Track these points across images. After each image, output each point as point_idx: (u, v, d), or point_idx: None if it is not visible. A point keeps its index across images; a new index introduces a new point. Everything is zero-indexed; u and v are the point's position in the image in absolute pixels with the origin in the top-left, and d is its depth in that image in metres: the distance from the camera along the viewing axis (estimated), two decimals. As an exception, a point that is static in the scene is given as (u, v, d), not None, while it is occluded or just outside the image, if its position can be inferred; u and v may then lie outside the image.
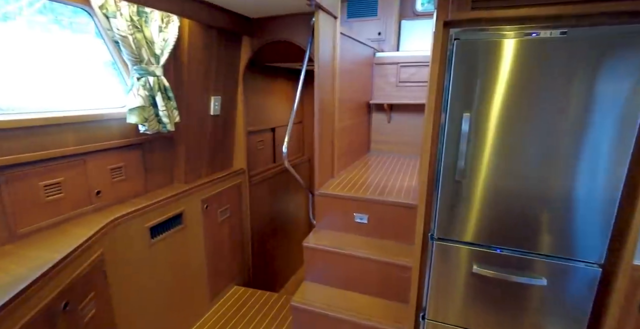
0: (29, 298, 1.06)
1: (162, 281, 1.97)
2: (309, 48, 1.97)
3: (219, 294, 2.52)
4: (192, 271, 2.23)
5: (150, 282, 1.88)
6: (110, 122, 1.71)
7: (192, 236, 2.20)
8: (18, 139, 1.34)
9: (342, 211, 2.04)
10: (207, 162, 2.35)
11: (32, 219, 1.43)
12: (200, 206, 2.23)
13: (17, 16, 1.45)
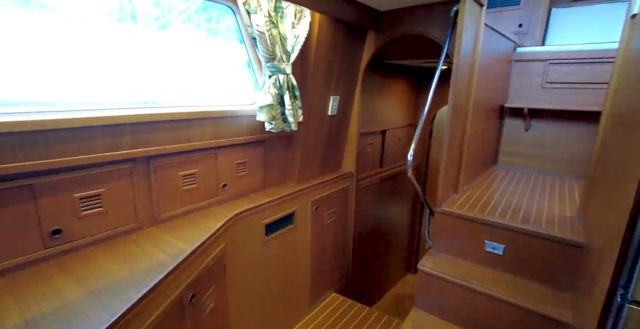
0: (165, 288, 1.09)
1: (270, 279, 1.96)
2: (448, 42, 1.69)
3: (318, 300, 2.44)
4: (297, 273, 2.19)
5: (261, 280, 1.88)
6: (241, 118, 1.75)
7: (301, 237, 2.16)
8: (165, 131, 1.43)
9: (468, 236, 1.71)
10: (319, 163, 2.28)
11: (170, 207, 1.53)
12: (310, 208, 2.17)
13: (170, 25, 1.57)
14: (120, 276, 1.08)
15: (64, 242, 1.19)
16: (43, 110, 1.12)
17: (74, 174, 1.18)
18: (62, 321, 0.88)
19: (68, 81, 1.27)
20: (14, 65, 1.12)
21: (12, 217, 1.06)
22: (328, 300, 2.51)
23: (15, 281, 1.05)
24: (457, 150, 1.86)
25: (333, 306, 2.45)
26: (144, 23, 1.47)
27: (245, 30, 1.68)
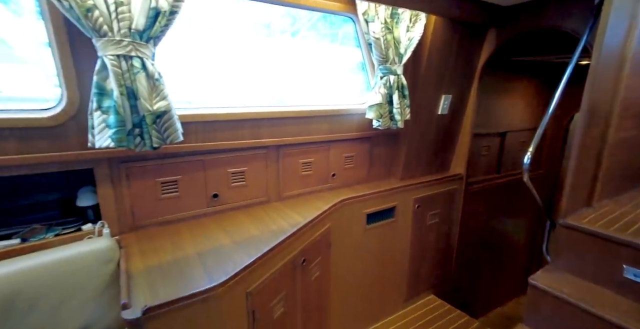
0: (285, 248, 1.36)
1: (368, 266, 2.10)
2: (587, 34, 1.52)
3: (414, 298, 2.46)
4: (395, 266, 2.27)
5: (359, 265, 2.05)
6: (352, 116, 1.96)
7: (401, 231, 2.23)
8: (292, 125, 1.74)
9: (600, 256, 1.48)
10: (424, 162, 2.31)
11: (291, 187, 1.84)
12: (412, 205, 2.22)
13: (298, 33, 1.90)
14: (254, 234, 1.41)
15: (219, 205, 1.61)
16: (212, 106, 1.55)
17: (229, 155, 1.59)
18: (218, 256, 1.23)
19: (224, 85, 1.71)
20: (188, 72, 1.59)
21: (191, 182, 1.51)
22: (425, 301, 2.49)
23: (191, 226, 1.49)
24: (592, 158, 1.63)
25: (429, 307, 2.42)
26: (276, 33, 1.84)
27: (362, 37, 1.88)
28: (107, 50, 0.99)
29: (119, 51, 1.00)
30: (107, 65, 1.00)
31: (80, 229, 1.32)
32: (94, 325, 1.17)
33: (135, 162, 1.36)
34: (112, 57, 0.99)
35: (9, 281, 1.03)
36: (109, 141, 1.06)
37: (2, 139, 1.06)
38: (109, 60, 0.99)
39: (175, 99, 1.19)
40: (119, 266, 1.20)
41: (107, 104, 1.05)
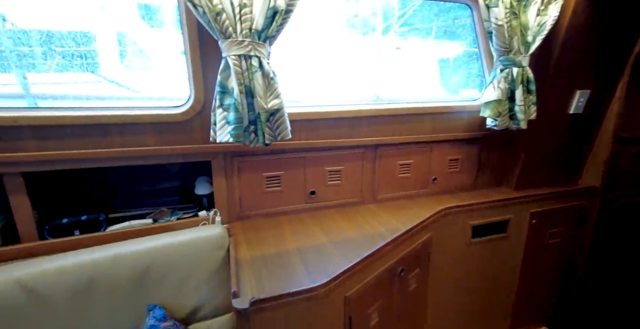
0: (383, 255, 1.28)
1: (470, 284, 1.88)
2: None
3: (521, 328, 2.12)
4: (501, 288, 1.98)
5: (460, 280, 1.84)
6: (460, 115, 1.76)
7: (512, 249, 1.94)
8: (391, 123, 1.64)
9: None
10: (547, 171, 1.95)
11: (387, 189, 1.75)
12: (528, 219, 1.90)
13: (390, 29, 1.78)
14: (351, 235, 1.37)
15: (316, 202, 1.62)
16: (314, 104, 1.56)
17: (328, 153, 1.57)
18: (317, 255, 1.22)
19: (320, 83, 1.70)
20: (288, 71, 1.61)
21: (292, 177, 1.55)
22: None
23: (290, 220, 1.52)
24: None
25: (542, 341, 2.06)
26: (368, 29, 1.75)
27: (480, 25, 1.66)
28: (231, 50, 1.05)
29: (240, 51, 1.05)
30: (229, 64, 1.06)
31: (197, 215, 1.47)
32: (204, 306, 1.28)
33: (246, 156, 1.44)
34: (234, 57, 1.05)
35: (145, 256, 1.19)
36: (228, 137, 1.13)
37: (145, 133, 1.23)
38: (232, 60, 1.05)
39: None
40: (229, 252, 1.29)
41: (228, 101, 1.12)
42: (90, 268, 1.12)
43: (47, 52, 1.21)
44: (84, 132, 1.15)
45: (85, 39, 1.27)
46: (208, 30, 1.05)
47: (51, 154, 1.13)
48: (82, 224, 1.29)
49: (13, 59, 1.17)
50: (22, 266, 1.07)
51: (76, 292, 1.09)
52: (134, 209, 1.46)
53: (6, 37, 1.15)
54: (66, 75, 1.28)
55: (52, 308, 1.07)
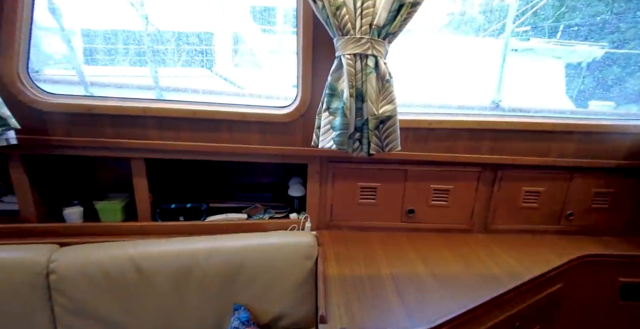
0: (500, 304, 1.03)
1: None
2: None
3: None
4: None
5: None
6: (617, 136, 1.34)
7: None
8: (523, 141, 1.33)
9: None
10: None
11: (504, 220, 1.45)
12: None
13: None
14: (456, 271, 1.14)
15: (414, 222, 1.43)
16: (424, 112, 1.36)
17: (435, 168, 1.36)
18: (416, 288, 1.04)
19: (433, 88, 1.48)
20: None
21: (389, 191, 1.39)
22: None
23: (382, 238, 1.37)
24: None
25: None
26: (478, 29, 1.45)
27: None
28: (346, 49, 0.95)
29: (357, 50, 0.95)
30: (343, 64, 0.96)
31: (288, 217, 1.43)
32: (287, 315, 1.23)
33: (341, 163, 1.34)
34: (349, 57, 0.95)
35: (237, 254, 1.19)
36: (332, 143, 1.04)
37: (250, 131, 1.23)
38: (346, 60, 0.95)
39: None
40: (316, 265, 1.21)
41: (336, 105, 1.03)
42: (188, 258, 1.16)
43: (175, 50, 1.32)
44: (198, 126, 1.20)
45: (206, 38, 1.35)
46: (325, 27, 0.97)
47: (169, 144, 1.21)
48: (187, 211, 1.37)
49: (149, 55, 1.31)
50: (135, 245, 1.17)
51: (176, 278, 1.15)
52: (231, 201, 1.50)
53: (146, 36, 1.28)
54: (187, 70, 1.38)
55: (155, 288, 1.14)
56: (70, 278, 1.09)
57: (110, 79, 1.40)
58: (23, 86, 1.08)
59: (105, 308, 1.12)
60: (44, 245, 1.15)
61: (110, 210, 1.31)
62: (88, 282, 1.10)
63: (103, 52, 1.38)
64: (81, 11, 1.30)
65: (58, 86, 1.24)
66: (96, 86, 1.36)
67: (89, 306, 1.11)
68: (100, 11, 1.31)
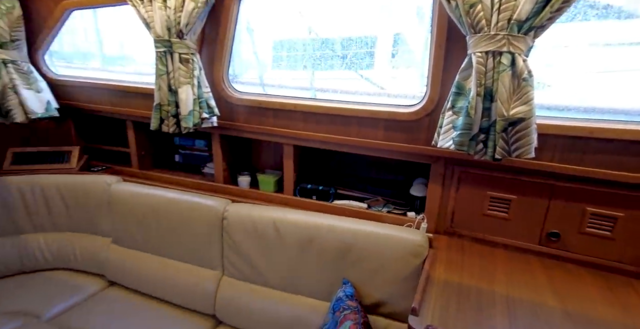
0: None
1: None
2: None
3: None
4: None
5: None
6: None
7: None
8: None
9: None
10: None
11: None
12: None
13: None
14: (604, 318, 0.91)
15: (556, 248, 1.19)
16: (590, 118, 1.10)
17: (596, 187, 1.10)
18: (534, 318, 0.91)
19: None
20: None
21: (527, 206, 1.21)
22: None
23: (509, 258, 1.21)
24: None
25: None
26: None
27: None
28: (478, 46, 0.91)
29: (489, 47, 0.89)
30: (472, 62, 0.93)
31: (405, 214, 1.47)
32: (386, 304, 1.29)
33: (470, 167, 1.26)
34: (480, 54, 0.90)
35: (351, 235, 1.33)
36: (450, 143, 1.02)
37: (377, 128, 1.33)
38: (476, 57, 0.91)
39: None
40: (423, 264, 1.21)
41: (461, 104, 1.00)
42: (313, 229, 1.39)
43: (328, 55, 1.56)
44: (333, 120, 1.39)
45: (350, 43, 1.53)
46: (457, 25, 0.96)
47: (310, 134, 1.45)
48: (318, 192, 1.61)
49: (309, 61, 1.61)
50: (277, 211, 1.49)
51: (301, 242, 1.40)
52: (356, 191, 1.65)
53: (309, 43, 1.58)
54: (338, 72, 1.60)
55: (286, 247, 1.43)
56: (234, 225, 1.50)
57: (280, 81, 1.78)
58: (224, 86, 1.54)
59: (253, 252, 1.48)
60: (223, 199, 1.61)
61: (266, 182, 1.68)
62: (244, 230, 1.49)
63: (277, 59, 1.78)
64: (265, 27, 1.70)
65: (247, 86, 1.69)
66: (269, 86, 1.77)
67: (242, 247, 1.50)
68: (277, 24, 1.69)
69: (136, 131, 1.89)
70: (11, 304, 1.59)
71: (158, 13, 1.32)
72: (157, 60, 1.39)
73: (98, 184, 1.82)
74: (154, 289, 1.66)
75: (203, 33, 1.47)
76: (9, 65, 1.67)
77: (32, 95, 1.76)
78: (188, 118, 1.39)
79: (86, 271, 1.87)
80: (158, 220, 1.66)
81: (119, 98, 1.83)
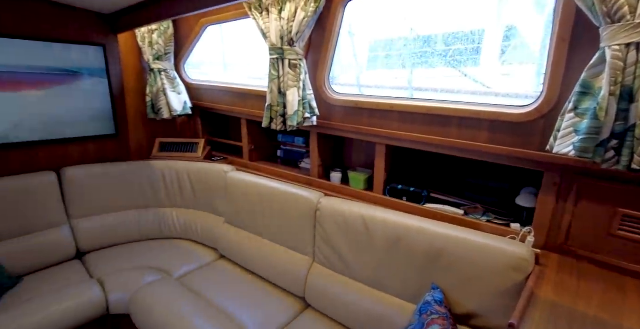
0: None
1: None
2: None
3: None
4: None
5: None
6: None
7: None
8: None
9: None
10: None
11: None
12: None
13: None
14: None
15: None
16: None
17: None
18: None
19: None
20: None
21: None
22: None
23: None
24: None
25: None
26: None
27: None
28: (616, 38, 0.78)
29: (633, 38, 0.76)
30: (606, 57, 0.80)
31: (508, 226, 1.34)
32: (479, 317, 1.21)
33: (594, 178, 1.09)
34: (617, 48, 0.78)
35: (442, 239, 1.29)
36: (570, 148, 0.91)
37: (479, 129, 1.25)
38: (611, 52, 0.79)
39: None
40: (526, 281, 1.10)
41: (587, 105, 0.87)
42: (401, 230, 1.39)
43: (427, 53, 1.51)
44: (431, 120, 1.36)
45: (453, 40, 1.44)
46: (588, 15, 0.84)
47: (405, 134, 1.45)
48: (409, 193, 1.59)
49: (408, 60, 1.59)
50: (367, 208, 1.53)
51: (389, 241, 1.42)
52: (452, 196, 1.58)
53: (409, 42, 1.56)
54: (438, 70, 1.54)
55: (374, 244, 1.47)
56: (326, 217, 1.61)
57: (376, 81, 1.81)
58: (325, 88, 1.65)
59: (342, 244, 1.57)
60: (318, 192, 1.74)
61: (357, 180, 1.74)
62: (335, 223, 1.58)
63: (373, 59, 1.81)
64: (365, 29, 1.75)
65: (344, 86, 1.77)
66: (365, 87, 1.82)
67: (332, 239, 1.60)
68: (376, 25, 1.71)
69: (248, 127, 2.18)
70: (153, 260, 2.02)
71: (274, 24, 1.50)
72: (270, 66, 1.58)
73: (217, 172, 2.16)
74: (254, 266, 1.90)
75: (310, 40, 1.60)
76: (162, 73, 2.12)
77: (175, 96, 2.19)
78: (293, 118, 1.54)
79: (204, 243, 2.24)
80: (262, 205, 1.88)
81: (236, 99, 2.13)
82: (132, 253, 2.10)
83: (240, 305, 1.66)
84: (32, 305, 1.53)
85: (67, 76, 2.00)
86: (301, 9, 1.41)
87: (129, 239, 2.22)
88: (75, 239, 2.02)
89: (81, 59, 2.03)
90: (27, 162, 1.95)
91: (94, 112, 2.14)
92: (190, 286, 1.82)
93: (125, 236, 2.20)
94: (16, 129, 1.88)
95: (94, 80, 2.10)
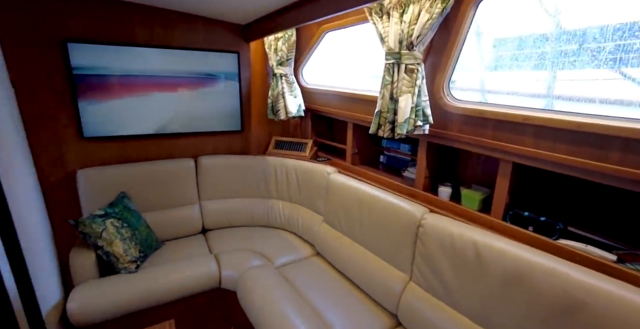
0: None
1: None
2: None
3: None
4: None
5: None
6: None
7: None
8: None
9: None
10: None
11: None
12: None
13: None
14: None
15: None
16: None
17: None
18: None
19: None
20: None
21: None
22: None
23: None
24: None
25: None
26: None
27: None
28: None
29: None
30: None
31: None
32: None
33: None
34: None
35: (584, 289, 1.03)
36: None
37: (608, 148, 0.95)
38: None
39: None
40: None
41: None
42: (524, 266, 1.16)
43: (571, 51, 1.20)
44: (581, 140, 1.09)
45: (610, 32, 1.09)
46: None
47: (542, 153, 1.20)
48: (538, 223, 1.32)
49: (545, 59, 1.30)
50: (481, 234, 1.34)
51: (506, 277, 1.21)
52: (599, 234, 1.25)
53: (554, 38, 1.27)
54: (590, 72, 1.21)
55: (485, 276, 1.28)
56: (430, 235, 1.48)
57: (504, 86, 1.55)
58: (443, 94, 1.51)
59: (445, 268, 1.42)
60: (421, 206, 1.61)
61: (471, 198, 1.55)
62: (439, 243, 1.44)
63: (498, 59, 1.55)
64: (493, 26, 1.51)
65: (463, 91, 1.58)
66: (491, 92, 1.58)
67: (435, 260, 1.46)
68: (507, 21, 1.45)
69: (354, 131, 2.17)
70: (259, 246, 2.24)
71: (393, 28, 1.44)
72: (385, 71, 1.52)
73: (321, 172, 2.24)
74: (347, 270, 1.90)
75: (431, 42, 1.48)
76: (282, 77, 2.29)
77: (292, 100, 2.34)
78: (403, 125, 1.46)
79: (303, 237, 2.36)
80: (361, 212, 1.86)
81: (345, 103, 2.15)
82: (244, 236, 2.36)
83: (330, 306, 1.69)
84: (172, 265, 1.89)
85: (210, 79, 2.36)
86: (425, 11, 1.30)
87: (242, 223, 2.50)
88: (202, 218, 2.39)
89: (220, 64, 2.36)
90: (173, 149, 2.38)
91: (226, 110, 2.47)
92: (286, 276, 1.94)
93: (239, 220, 2.49)
94: (171, 122, 2.31)
95: (227, 83, 2.42)
